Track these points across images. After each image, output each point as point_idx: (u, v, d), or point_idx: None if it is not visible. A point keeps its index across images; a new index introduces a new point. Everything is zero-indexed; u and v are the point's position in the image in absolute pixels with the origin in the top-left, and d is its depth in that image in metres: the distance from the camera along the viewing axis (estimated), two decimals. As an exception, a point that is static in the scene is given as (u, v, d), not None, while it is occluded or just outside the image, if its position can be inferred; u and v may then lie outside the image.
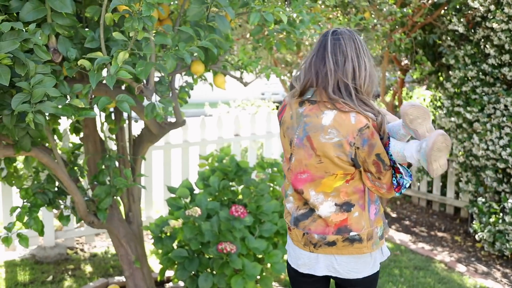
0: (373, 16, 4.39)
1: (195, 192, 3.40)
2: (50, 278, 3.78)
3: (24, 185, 3.17)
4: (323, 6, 4.46)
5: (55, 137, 3.35)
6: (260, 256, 3.25)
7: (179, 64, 2.71)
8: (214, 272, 3.05)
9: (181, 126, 2.92)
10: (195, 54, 2.22)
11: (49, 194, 2.84)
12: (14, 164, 3.16)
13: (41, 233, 2.92)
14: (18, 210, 2.86)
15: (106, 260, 4.16)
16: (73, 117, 2.03)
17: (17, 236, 2.80)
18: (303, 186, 1.84)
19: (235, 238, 2.97)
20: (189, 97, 2.99)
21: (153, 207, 4.85)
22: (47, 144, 2.84)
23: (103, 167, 3.01)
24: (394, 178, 1.79)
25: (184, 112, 3.22)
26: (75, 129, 3.34)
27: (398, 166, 1.77)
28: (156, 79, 2.55)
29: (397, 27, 4.63)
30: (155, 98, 2.53)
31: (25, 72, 1.75)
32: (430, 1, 4.39)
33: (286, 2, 2.97)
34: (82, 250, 4.40)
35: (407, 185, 1.79)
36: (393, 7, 4.21)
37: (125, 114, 3.42)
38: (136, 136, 3.27)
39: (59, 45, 2.05)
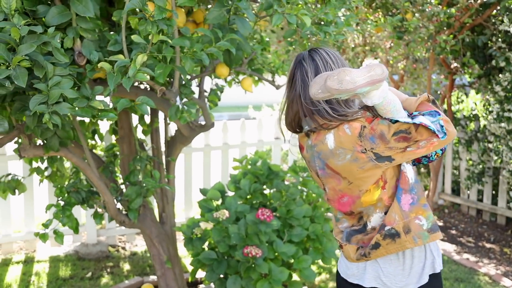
0: (418, 17, 4.24)
1: (227, 194, 3.41)
2: (89, 274, 3.91)
3: (64, 183, 3.29)
4: (365, 9, 4.36)
5: (96, 137, 3.47)
6: (291, 261, 3.22)
7: (207, 68, 2.73)
8: (242, 276, 3.04)
9: (210, 128, 2.93)
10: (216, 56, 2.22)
11: (82, 193, 2.93)
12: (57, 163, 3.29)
13: (76, 230, 3.02)
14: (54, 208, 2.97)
15: (144, 259, 4.24)
16: (98, 118, 2.10)
17: (54, 233, 2.90)
18: (351, 207, 1.80)
19: (261, 241, 2.95)
20: (219, 100, 3.00)
21: (193, 208, 4.91)
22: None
23: (138, 167, 3.08)
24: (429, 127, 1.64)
25: (226, 115, 3.24)
26: (113, 131, 3.44)
27: (414, 120, 1.62)
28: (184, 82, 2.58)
29: (444, 28, 4.45)
30: (181, 100, 2.55)
31: (44, 74, 1.81)
32: (479, 1, 4.20)
33: (322, 1, 2.91)
34: (123, 248, 4.51)
35: (441, 122, 1.61)
36: (438, 8, 4.05)
37: (160, 117, 3.48)
38: (170, 138, 3.32)
39: (83, 48, 2.11)
